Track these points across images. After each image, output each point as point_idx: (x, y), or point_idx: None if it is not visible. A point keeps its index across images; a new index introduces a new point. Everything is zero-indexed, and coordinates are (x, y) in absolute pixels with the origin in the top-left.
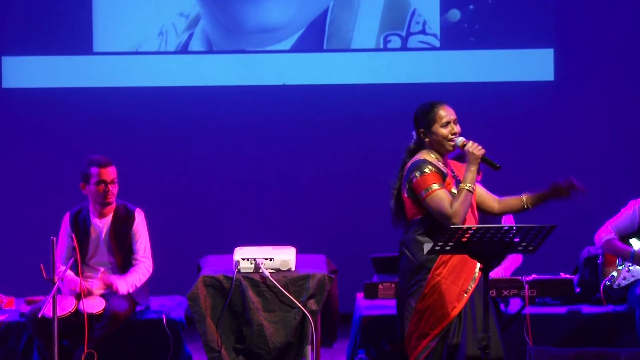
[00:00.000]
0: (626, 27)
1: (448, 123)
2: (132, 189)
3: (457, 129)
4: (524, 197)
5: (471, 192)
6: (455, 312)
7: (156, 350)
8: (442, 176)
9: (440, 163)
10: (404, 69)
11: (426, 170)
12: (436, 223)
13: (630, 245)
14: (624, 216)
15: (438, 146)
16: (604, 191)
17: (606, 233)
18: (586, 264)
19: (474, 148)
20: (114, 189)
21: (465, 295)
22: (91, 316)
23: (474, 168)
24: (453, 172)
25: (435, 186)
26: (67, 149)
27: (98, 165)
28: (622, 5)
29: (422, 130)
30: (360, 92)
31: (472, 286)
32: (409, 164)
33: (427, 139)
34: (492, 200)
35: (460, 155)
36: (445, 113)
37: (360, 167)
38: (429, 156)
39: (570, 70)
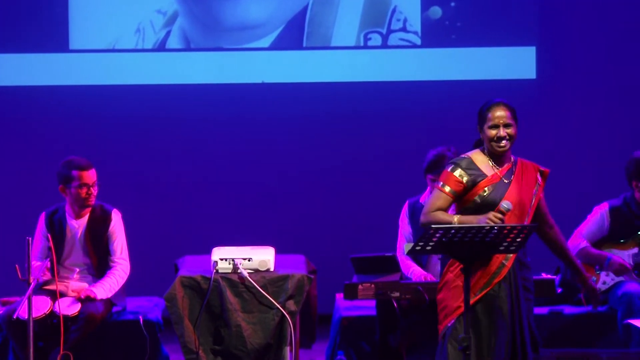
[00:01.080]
0: (608, 25)
1: (496, 126)
2: (108, 188)
3: (504, 132)
4: (562, 254)
5: (453, 223)
6: (460, 310)
7: (133, 351)
8: (465, 182)
9: (489, 164)
10: (385, 67)
11: (450, 168)
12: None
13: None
14: (591, 223)
15: (489, 146)
16: (585, 190)
17: (578, 242)
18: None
19: (493, 219)
20: (95, 192)
21: (475, 297)
22: (67, 318)
23: (475, 222)
24: (510, 174)
25: (441, 183)
26: (43, 148)
27: (79, 168)
28: (604, 3)
29: (479, 126)
30: (341, 91)
31: (483, 290)
32: None
33: (482, 136)
34: (543, 224)
35: None
36: (495, 115)
37: (340, 166)
38: (478, 156)
39: (553, 68)
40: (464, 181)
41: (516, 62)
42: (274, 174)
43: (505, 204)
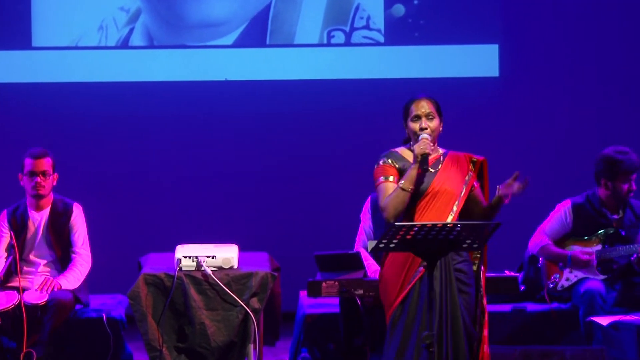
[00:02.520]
0: (570, 23)
1: (418, 117)
2: (71, 185)
3: (426, 124)
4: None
5: (405, 190)
6: (397, 302)
7: (96, 349)
8: (397, 169)
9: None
10: (348, 64)
11: (381, 162)
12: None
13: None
14: (554, 220)
15: (414, 140)
16: (547, 188)
17: (540, 239)
18: (531, 262)
19: (418, 145)
20: (44, 182)
21: (408, 285)
22: (36, 308)
23: (414, 166)
24: (437, 165)
25: (381, 179)
26: (5, 145)
27: (31, 156)
28: (566, 1)
29: (403, 123)
30: (304, 88)
31: (415, 277)
32: None
33: (407, 133)
34: (479, 210)
35: None
36: (416, 107)
37: (304, 164)
38: (404, 151)
39: (515, 66)
40: (396, 166)
41: (479, 60)
42: (237, 171)
43: (420, 136)
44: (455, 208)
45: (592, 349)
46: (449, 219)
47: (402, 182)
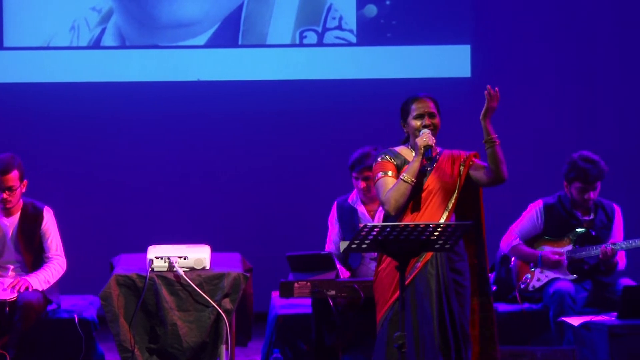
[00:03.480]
0: (543, 22)
1: (421, 116)
2: (42, 185)
3: (429, 121)
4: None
5: (407, 182)
6: (390, 303)
7: (68, 350)
8: (395, 165)
9: (411, 156)
10: (320, 65)
11: (379, 159)
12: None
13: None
14: (526, 220)
15: (414, 137)
16: (520, 188)
17: (511, 239)
18: (502, 262)
19: (421, 138)
20: (11, 197)
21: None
22: (4, 304)
23: (417, 158)
24: (433, 163)
25: (380, 174)
26: None
27: None
28: (538, 1)
29: (402, 121)
30: (276, 89)
31: (411, 274)
32: None
33: (406, 130)
34: (487, 171)
35: None
36: (419, 105)
37: (276, 164)
38: (403, 149)
39: (487, 67)
40: (394, 163)
41: (451, 61)
42: (210, 171)
43: (422, 132)
44: (450, 205)
45: (563, 349)
46: (444, 216)
47: (404, 174)
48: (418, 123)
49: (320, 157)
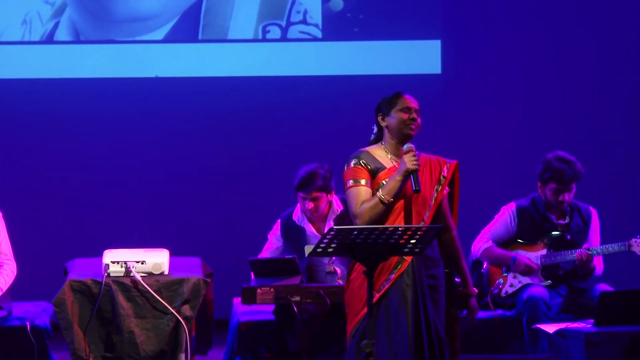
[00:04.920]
0: (515, 17)
1: (408, 109)
2: None
3: (416, 116)
4: (453, 259)
5: (383, 202)
6: (364, 312)
7: (20, 359)
8: (369, 171)
9: (387, 157)
10: (284, 60)
11: (351, 163)
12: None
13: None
14: (499, 223)
15: (396, 132)
16: (492, 189)
17: (483, 242)
18: (474, 267)
19: (409, 159)
20: None
21: (376, 294)
22: None
23: (398, 178)
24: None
25: (350, 182)
26: None
27: None
28: None
29: (381, 115)
30: (238, 86)
31: (385, 286)
32: None
33: (385, 124)
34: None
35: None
36: (407, 99)
37: (238, 165)
38: (376, 150)
39: (458, 63)
40: (368, 168)
41: (421, 56)
42: (168, 173)
43: (405, 146)
44: (426, 216)
45: (537, 358)
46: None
47: (382, 193)
48: (405, 116)
49: (284, 158)
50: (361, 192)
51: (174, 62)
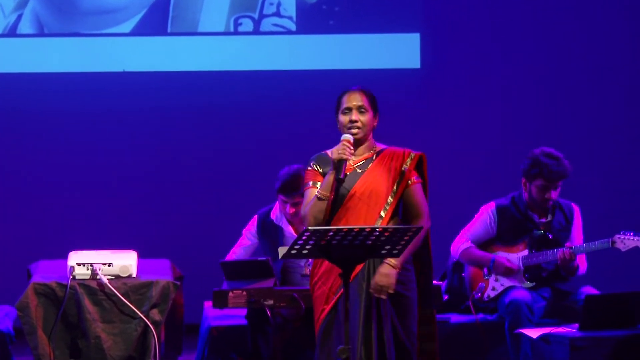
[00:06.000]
0: (496, 10)
1: (348, 110)
2: None
3: (357, 117)
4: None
5: (320, 198)
6: (323, 315)
7: None
8: (321, 174)
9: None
10: (257, 54)
11: (308, 166)
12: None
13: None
14: (478, 223)
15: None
16: (471, 187)
17: (462, 242)
18: (455, 270)
19: (337, 149)
20: None
21: (334, 296)
22: None
23: (331, 172)
24: (367, 164)
25: (306, 184)
26: None
27: None
28: None
29: (335, 118)
30: (209, 80)
31: (341, 289)
32: None
33: (338, 127)
34: (408, 215)
35: None
36: (348, 98)
37: (208, 164)
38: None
39: (438, 57)
40: (320, 171)
41: (399, 50)
42: (136, 171)
43: (343, 136)
44: (383, 213)
45: None
46: (377, 224)
47: (319, 190)
48: (345, 118)
49: (257, 156)
50: (310, 195)
51: (142, 56)
